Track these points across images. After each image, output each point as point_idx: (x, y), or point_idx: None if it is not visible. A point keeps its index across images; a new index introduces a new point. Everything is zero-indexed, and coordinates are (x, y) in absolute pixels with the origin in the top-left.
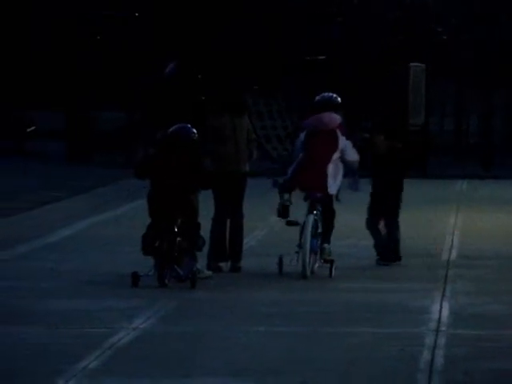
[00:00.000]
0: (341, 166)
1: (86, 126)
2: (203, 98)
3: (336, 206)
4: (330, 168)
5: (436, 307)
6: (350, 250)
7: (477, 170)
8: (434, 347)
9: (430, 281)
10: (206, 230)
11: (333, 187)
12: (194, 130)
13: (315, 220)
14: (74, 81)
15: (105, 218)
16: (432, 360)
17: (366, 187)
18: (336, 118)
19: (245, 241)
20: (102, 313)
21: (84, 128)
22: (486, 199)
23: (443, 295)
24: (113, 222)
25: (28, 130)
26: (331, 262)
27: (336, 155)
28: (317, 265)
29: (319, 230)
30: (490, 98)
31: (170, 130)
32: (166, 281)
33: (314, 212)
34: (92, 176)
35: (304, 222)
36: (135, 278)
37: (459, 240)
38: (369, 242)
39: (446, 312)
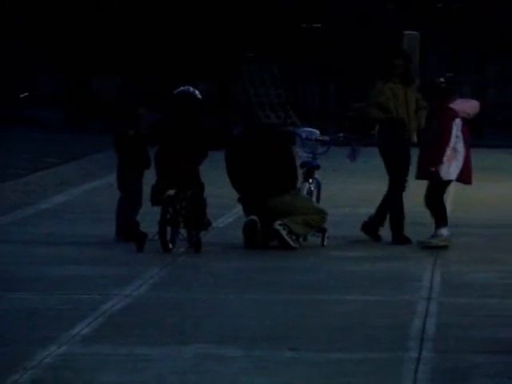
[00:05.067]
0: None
1: (85, 92)
2: None
3: (333, 174)
4: None
5: (428, 275)
6: (344, 218)
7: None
8: (426, 315)
9: (421, 249)
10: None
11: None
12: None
13: (310, 188)
14: (73, 45)
15: (98, 184)
16: (423, 328)
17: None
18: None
19: (235, 210)
20: (95, 279)
21: (82, 94)
22: (478, 168)
23: (435, 263)
24: (107, 189)
25: (21, 95)
26: (323, 230)
27: None
28: (309, 233)
29: (314, 198)
30: (484, 68)
31: (175, 92)
32: (170, 245)
33: (310, 180)
34: (88, 142)
35: (299, 190)
36: (140, 243)
37: (451, 208)
38: (363, 210)
39: (437, 280)
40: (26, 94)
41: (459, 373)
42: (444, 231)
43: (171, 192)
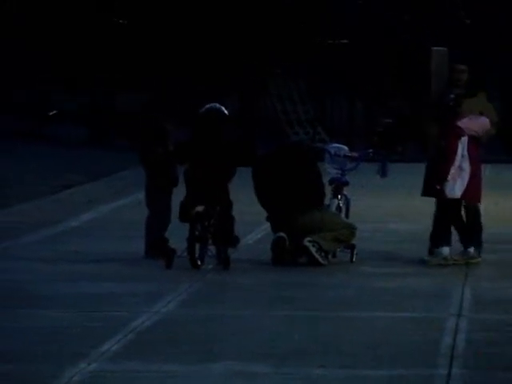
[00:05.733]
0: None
1: (110, 109)
2: None
3: (362, 190)
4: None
5: (458, 291)
6: (374, 234)
7: (500, 154)
8: (456, 332)
9: (451, 265)
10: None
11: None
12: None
13: (339, 204)
14: (98, 62)
15: (127, 202)
16: (453, 344)
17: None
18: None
19: (264, 226)
20: (124, 296)
21: (107, 111)
22: (509, 183)
23: (465, 280)
24: (135, 206)
25: (50, 113)
26: (352, 246)
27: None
28: (338, 249)
29: (343, 215)
30: (509, 83)
31: (201, 111)
32: (199, 262)
33: (339, 197)
34: (112, 160)
35: (328, 206)
36: (169, 260)
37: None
38: (391, 226)
39: (467, 296)
40: (55, 111)
41: None
42: (446, 250)
43: (200, 208)
